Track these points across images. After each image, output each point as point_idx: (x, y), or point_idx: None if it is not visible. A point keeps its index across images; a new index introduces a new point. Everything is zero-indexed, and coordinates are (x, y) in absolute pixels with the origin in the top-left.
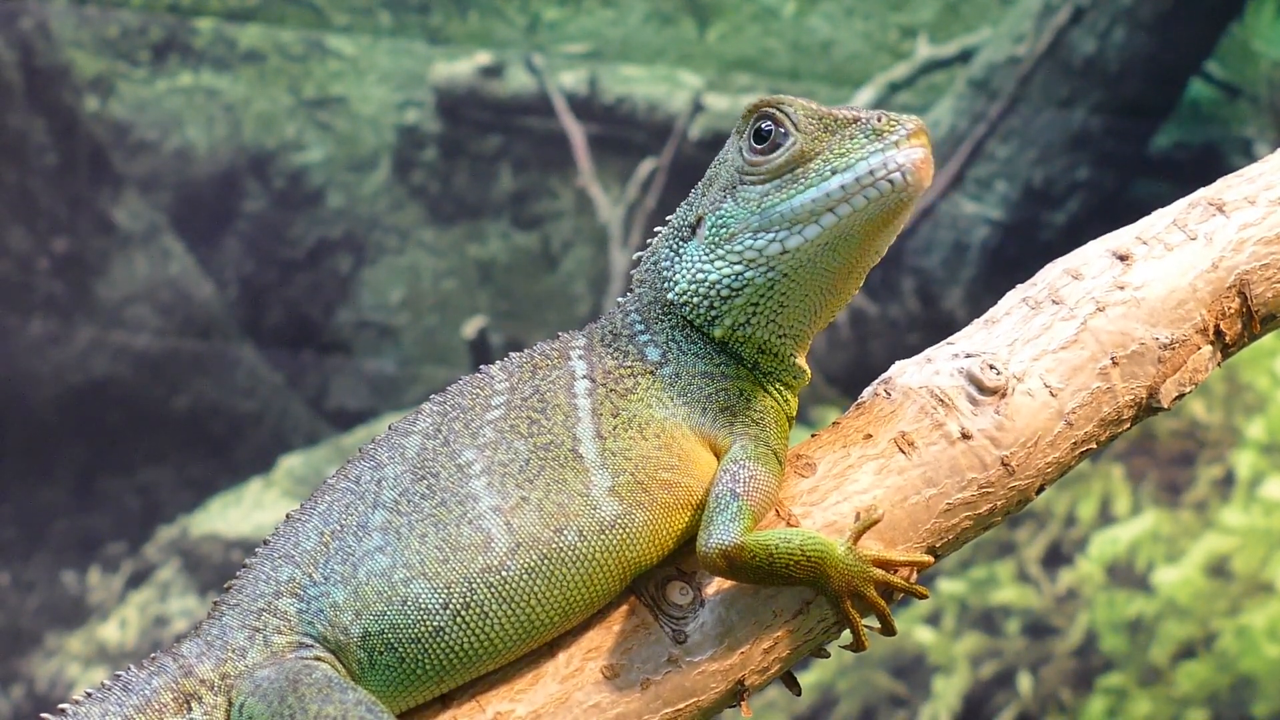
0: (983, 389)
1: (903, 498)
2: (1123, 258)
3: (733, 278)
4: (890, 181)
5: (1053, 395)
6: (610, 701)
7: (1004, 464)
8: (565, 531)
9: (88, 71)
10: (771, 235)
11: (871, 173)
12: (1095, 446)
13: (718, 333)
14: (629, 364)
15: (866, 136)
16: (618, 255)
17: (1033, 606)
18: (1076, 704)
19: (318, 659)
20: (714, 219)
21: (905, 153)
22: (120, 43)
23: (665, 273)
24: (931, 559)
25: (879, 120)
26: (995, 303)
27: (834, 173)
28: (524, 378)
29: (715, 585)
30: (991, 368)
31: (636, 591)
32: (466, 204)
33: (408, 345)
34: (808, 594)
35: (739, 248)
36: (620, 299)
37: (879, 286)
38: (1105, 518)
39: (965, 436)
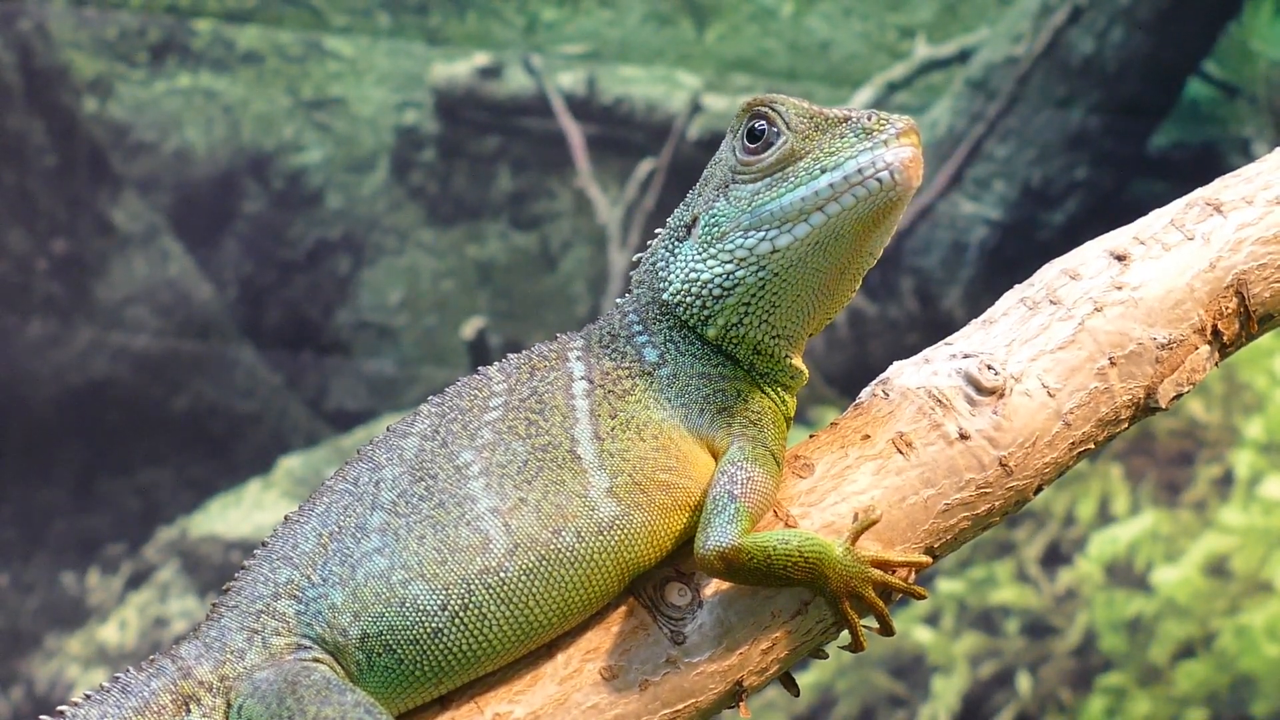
0: (980, 389)
1: (901, 498)
2: (1120, 258)
3: (724, 277)
4: (878, 180)
5: (1050, 395)
6: (609, 703)
7: (1002, 464)
8: (563, 533)
9: (86, 73)
10: (762, 234)
11: (860, 171)
12: (1093, 447)
13: (711, 333)
14: (627, 365)
15: (856, 135)
16: (616, 256)
17: (1032, 606)
18: (1076, 704)
19: (316, 661)
20: (707, 218)
21: (894, 151)
22: (119, 44)
23: (661, 273)
24: (930, 559)
25: (869, 119)
26: (993, 303)
27: (823, 171)
28: (522, 379)
29: (714, 586)
30: (989, 368)
31: (635, 592)
32: (465, 205)
33: (407, 346)
34: (806, 595)
35: (730, 246)
36: (619, 300)
37: (877, 286)
38: (1104, 517)
39: (963, 437)
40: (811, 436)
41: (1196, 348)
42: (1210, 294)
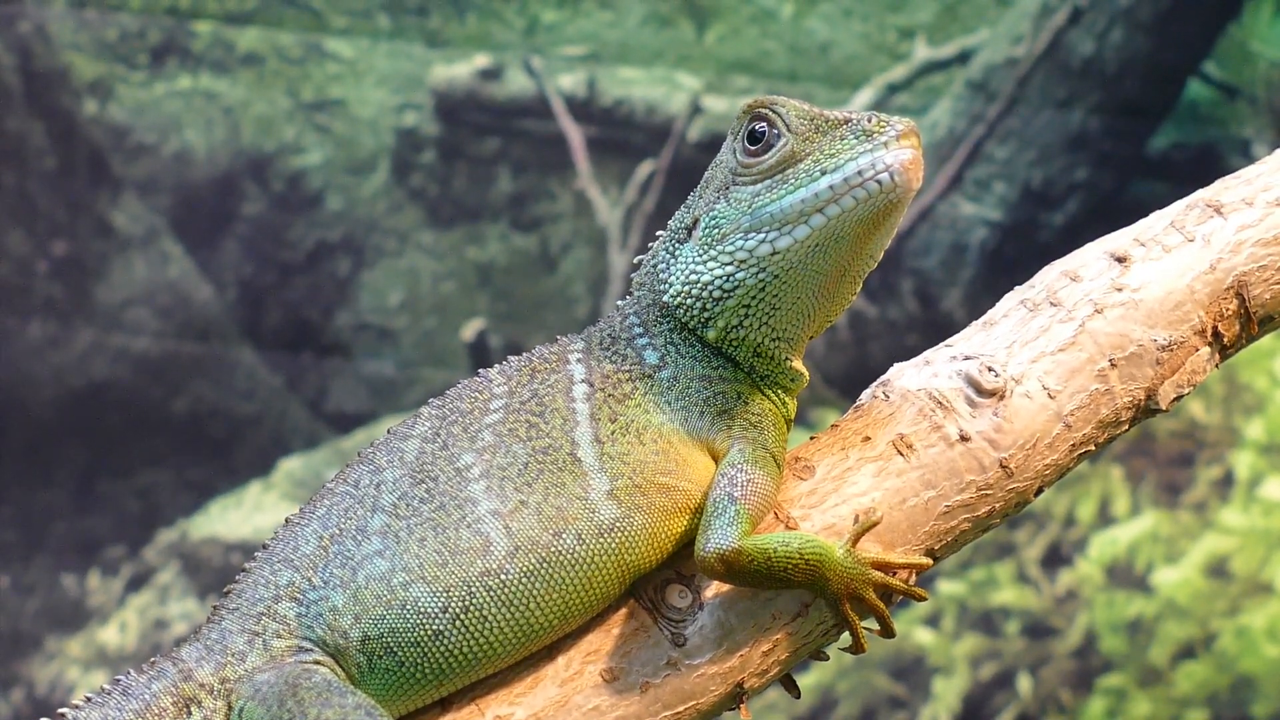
0: (981, 391)
1: (901, 500)
2: (1121, 259)
3: (724, 279)
4: (878, 182)
5: (1051, 397)
6: (610, 704)
7: (1002, 466)
8: (564, 535)
9: (86, 75)
10: (762, 236)
11: (860, 173)
12: (1094, 448)
13: (711, 335)
14: (627, 368)
15: (856, 137)
16: (616, 257)
17: (1032, 607)
18: (1076, 705)
19: (317, 663)
20: (707, 220)
21: (894, 153)
22: (119, 46)
23: (662, 275)
24: (930, 561)
25: (869, 121)
26: (994, 304)
27: (823, 173)
28: (522, 381)
29: (714, 588)
30: (990, 370)
31: (636, 594)
32: (465, 206)
33: (407, 348)
34: (807, 597)
35: (730, 248)
36: (620, 302)
37: (878, 288)
38: (1104, 519)
39: (964, 439)
40: (812, 438)
41: (1197, 349)
42: (1210, 296)
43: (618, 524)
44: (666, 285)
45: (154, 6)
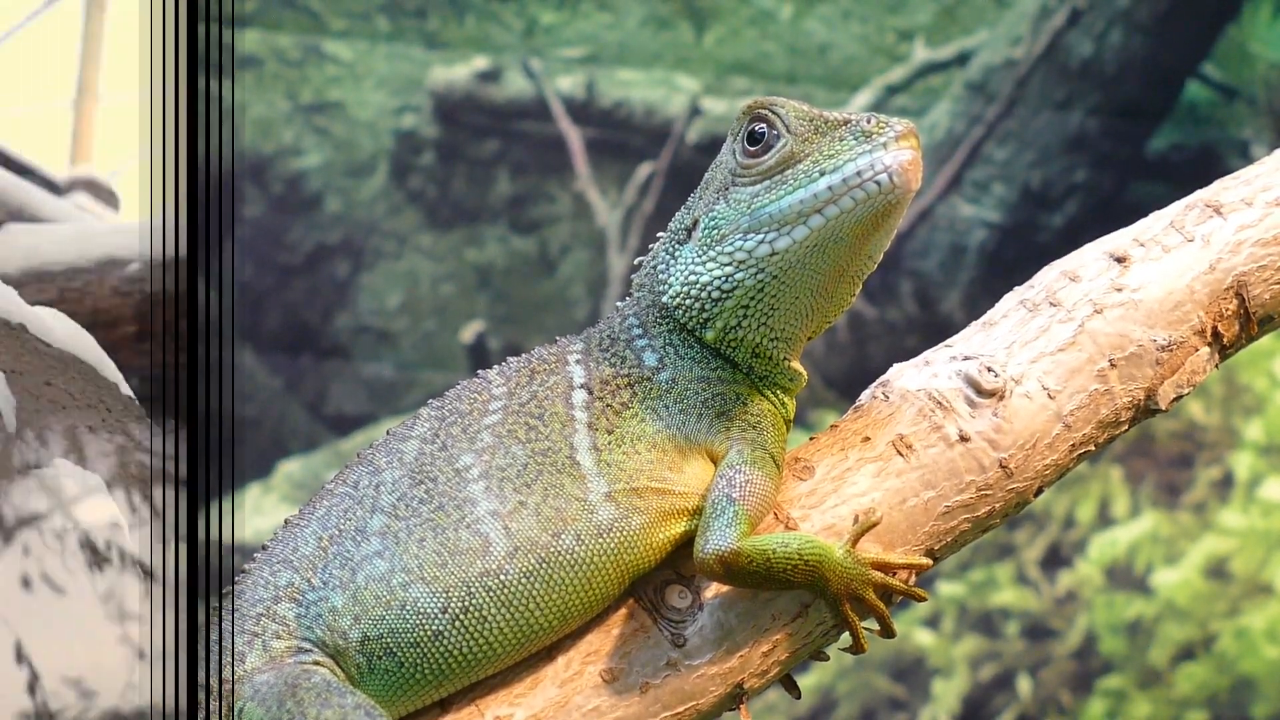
0: (981, 391)
1: (901, 500)
2: (1120, 260)
3: (723, 279)
4: (877, 183)
5: (1050, 397)
6: (610, 705)
7: (1002, 466)
8: (563, 536)
9: None
10: (760, 236)
11: (859, 174)
12: (1093, 448)
13: (710, 335)
14: (626, 371)
15: (855, 138)
16: (615, 259)
17: (1032, 609)
18: (1076, 706)
19: (316, 663)
20: (707, 221)
21: (893, 154)
22: None
23: (661, 275)
24: (930, 562)
25: (868, 122)
26: (993, 305)
27: (822, 174)
28: (521, 383)
29: (714, 589)
30: (989, 370)
31: (635, 595)
32: (464, 208)
33: (406, 350)
34: (806, 597)
35: (729, 249)
36: (619, 303)
37: (877, 289)
38: (1104, 520)
39: (963, 439)
40: (812, 439)
41: (1196, 349)
42: (1210, 296)
43: (615, 525)
44: (666, 286)
45: None
